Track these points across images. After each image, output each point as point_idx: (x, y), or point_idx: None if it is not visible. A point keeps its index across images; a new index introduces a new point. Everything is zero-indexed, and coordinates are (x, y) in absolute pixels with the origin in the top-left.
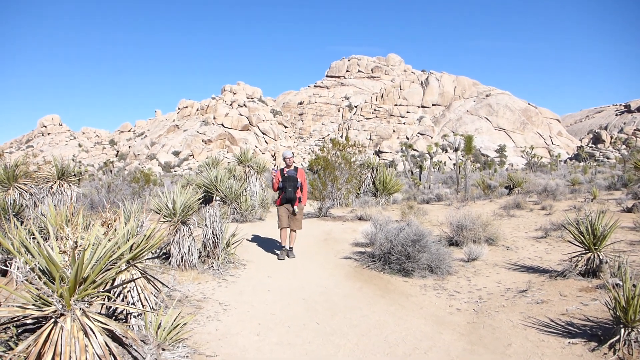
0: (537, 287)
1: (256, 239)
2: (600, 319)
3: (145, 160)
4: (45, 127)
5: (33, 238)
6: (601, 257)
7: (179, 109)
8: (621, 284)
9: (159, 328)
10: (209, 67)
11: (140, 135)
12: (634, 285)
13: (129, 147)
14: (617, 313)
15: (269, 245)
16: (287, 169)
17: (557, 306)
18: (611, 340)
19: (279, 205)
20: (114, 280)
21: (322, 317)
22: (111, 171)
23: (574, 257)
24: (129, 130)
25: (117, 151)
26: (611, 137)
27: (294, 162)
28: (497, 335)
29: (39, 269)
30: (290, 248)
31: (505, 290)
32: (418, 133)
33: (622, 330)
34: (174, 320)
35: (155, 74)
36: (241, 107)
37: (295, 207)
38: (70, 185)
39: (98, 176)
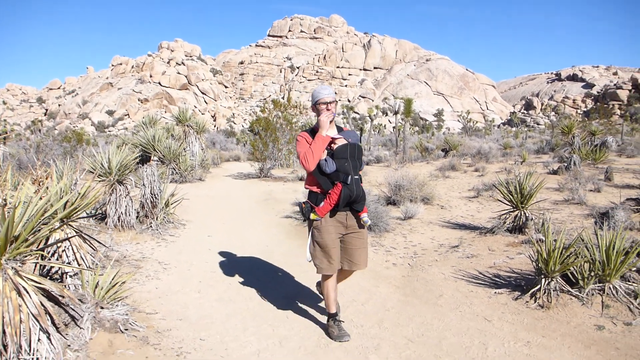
0: (468, 243)
1: (196, 199)
2: (524, 271)
3: (77, 120)
4: None
5: None
6: (527, 215)
7: (112, 65)
8: (544, 239)
9: (96, 287)
10: (145, 22)
11: (70, 93)
12: (554, 240)
13: (59, 105)
14: (539, 265)
15: (209, 205)
16: (327, 129)
17: (486, 260)
18: (533, 290)
19: (328, 216)
20: (47, 239)
21: (263, 274)
22: (40, 130)
23: (502, 214)
24: (59, 88)
25: (46, 110)
26: (542, 104)
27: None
28: (429, 287)
29: None
30: (337, 318)
31: (438, 246)
32: (359, 96)
33: (543, 280)
34: (112, 279)
35: (87, 28)
36: (179, 65)
37: (364, 213)
38: None
39: (26, 136)
